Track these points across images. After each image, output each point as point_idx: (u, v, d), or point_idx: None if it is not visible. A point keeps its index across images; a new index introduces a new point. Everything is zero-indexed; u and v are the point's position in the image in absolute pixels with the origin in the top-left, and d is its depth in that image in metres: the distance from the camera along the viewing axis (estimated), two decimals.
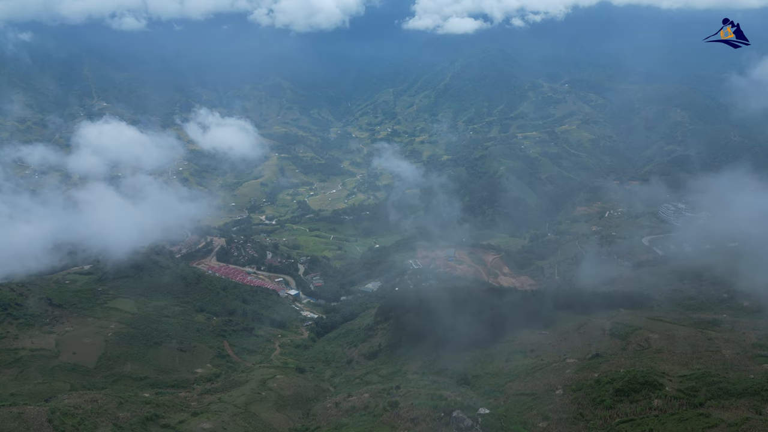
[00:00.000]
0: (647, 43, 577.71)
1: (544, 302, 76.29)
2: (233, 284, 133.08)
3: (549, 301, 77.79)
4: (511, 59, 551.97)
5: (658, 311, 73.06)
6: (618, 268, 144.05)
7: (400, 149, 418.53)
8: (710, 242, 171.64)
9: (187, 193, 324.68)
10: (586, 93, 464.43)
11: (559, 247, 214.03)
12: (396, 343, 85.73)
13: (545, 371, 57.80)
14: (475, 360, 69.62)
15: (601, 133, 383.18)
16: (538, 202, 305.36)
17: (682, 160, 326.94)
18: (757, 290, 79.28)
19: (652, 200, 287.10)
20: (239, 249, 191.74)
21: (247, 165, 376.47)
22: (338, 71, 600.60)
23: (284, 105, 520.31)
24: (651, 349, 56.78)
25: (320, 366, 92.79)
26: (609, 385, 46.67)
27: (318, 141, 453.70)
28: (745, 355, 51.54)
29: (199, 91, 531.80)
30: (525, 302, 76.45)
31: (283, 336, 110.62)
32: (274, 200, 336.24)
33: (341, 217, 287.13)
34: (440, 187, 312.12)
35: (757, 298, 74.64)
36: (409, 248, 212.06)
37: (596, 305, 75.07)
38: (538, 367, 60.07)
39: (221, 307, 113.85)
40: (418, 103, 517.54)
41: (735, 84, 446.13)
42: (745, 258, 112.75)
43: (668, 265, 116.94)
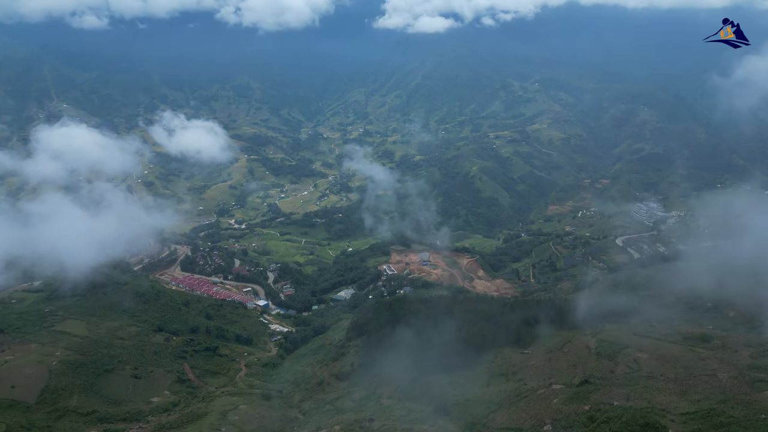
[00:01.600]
0: (614, 42, 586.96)
1: (526, 318, 72.15)
2: (196, 298, 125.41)
3: (530, 316, 73.72)
4: (482, 59, 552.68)
5: (643, 325, 69.70)
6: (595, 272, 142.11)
7: (372, 150, 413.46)
8: (683, 242, 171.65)
9: (152, 199, 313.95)
10: (556, 92, 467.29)
11: (533, 248, 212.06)
12: (369, 363, 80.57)
13: (530, 400, 53.54)
14: (453, 383, 65.03)
15: (572, 131, 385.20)
16: (511, 201, 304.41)
17: (651, 158, 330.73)
18: (740, 298, 76.76)
19: (623, 199, 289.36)
20: (205, 257, 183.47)
21: (216, 167, 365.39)
22: (308, 71, 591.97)
23: (253, 105, 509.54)
24: (642, 372, 53.04)
25: (289, 388, 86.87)
26: (605, 426, 42.46)
27: (288, 142, 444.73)
28: (743, 379, 48.13)
29: (165, 91, 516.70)
30: (505, 318, 72.21)
31: (250, 354, 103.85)
32: (243, 203, 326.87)
33: (313, 220, 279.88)
34: (413, 188, 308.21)
35: (742, 307, 71.99)
36: (383, 252, 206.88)
37: (579, 319, 71.39)
38: (523, 393, 55.80)
39: (182, 325, 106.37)
40: (390, 102, 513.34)
41: (702, 82, 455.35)
42: (721, 261, 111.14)
43: (645, 270, 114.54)
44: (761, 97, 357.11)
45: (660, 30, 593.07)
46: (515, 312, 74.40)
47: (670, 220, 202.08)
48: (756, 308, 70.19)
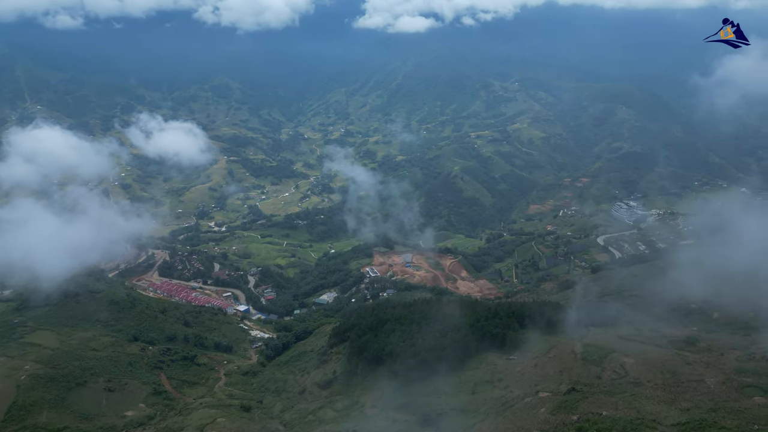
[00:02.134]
0: (592, 42, 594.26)
1: (510, 322, 70.98)
2: (174, 305, 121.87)
3: (515, 320, 72.58)
4: (463, 58, 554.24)
5: (628, 328, 69.12)
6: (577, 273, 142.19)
7: (353, 150, 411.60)
8: (664, 241, 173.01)
9: (129, 202, 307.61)
10: (536, 91, 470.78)
11: (515, 248, 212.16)
12: (352, 370, 78.73)
13: (517, 409, 52.25)
14: (438, 391, 63.56)
15: (552, 131, 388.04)
16: (493, 201, 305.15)
17: (629, 156, 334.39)
18: (722, 298, 76.74)
19: (604, 197, 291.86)
20: (184, 262, 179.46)
21: (195, 169, 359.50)
22: (289, 71, 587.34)
23: (233, 106, 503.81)
24: (629, 378, 52.15)
25: (270, 398, 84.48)
26: None
27: (269, 142, 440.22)
28: (732, 384, 47.46)
29: (142, 92, 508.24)
30: (489, 322, 70.99)
31: (230, 362, 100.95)
32: (223, 205, 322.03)
33: (294, 222, 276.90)
34: (396, 188, 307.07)
35: (724, 308, 71.90)
36: (366, 254, 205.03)
37: (564, 323, 70.53)
38: (509, 402, 54.53)
39: (159, 334, 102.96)
40: (371, 103, 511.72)
41: (678, 82, 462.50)
42: (702, 260, 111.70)
43: (627, 270, 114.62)
44: (739, 95, 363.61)
45: (637, 30, 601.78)
46: (499, 316, 73.22)
47: (650, 219, 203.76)
48: (739, 309, 70.11)
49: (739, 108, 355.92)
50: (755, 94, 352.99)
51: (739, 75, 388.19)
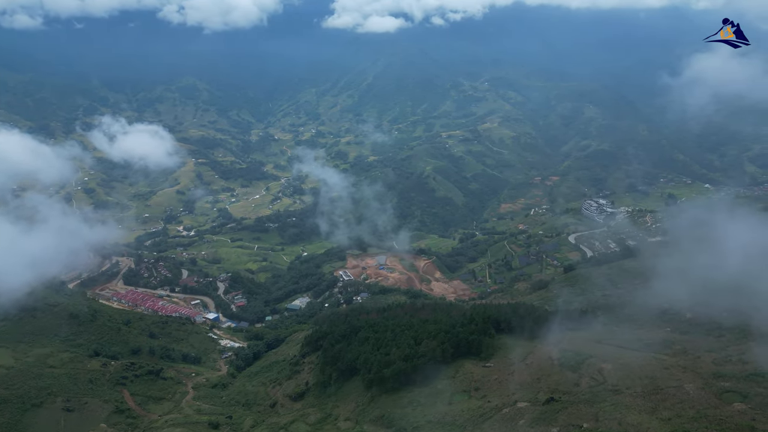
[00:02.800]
0: (559, 41, 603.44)
1: (486, 328, 69.66)
2: (138, 316, 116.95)
3: (490, 325, 71.30)
4: (433, 58, 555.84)
5: (604, 331, 68.63)
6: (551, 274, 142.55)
7: (325, 151, 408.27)
8: (633, 238, 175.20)
9: (93, 208, 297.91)
10: (506, 91, 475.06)
11: (488, 247, 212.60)
12: (325, 381, 76.33)
13: (495, 421, 50.88)
14: (413, 401, 61.74)
15: (522, 130, 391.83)
16: (465, 200, 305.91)
17: (597, 154, 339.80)
18: (694, 297, 77.00)
19: (573, 195, 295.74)
20: (150, 269, 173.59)
21: (162, 172, 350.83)
22: (257, 71, 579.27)
23: (200, 107, 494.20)
24: (607, 384, 51.29)
25: (239, 412, 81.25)
26: None
27: (238, 144, 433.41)
28: (711, 390, 46.99)
29: (106, 93, 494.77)
30: (465, 328, 69.53)
31: (198, 374, 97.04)
32: (192, 209, 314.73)
33: (266, 225, 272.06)
34: (368, 189, 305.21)
35: (698, 308, 72.05)
36: (339, 257, 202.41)
37: (539, 327, 69.57)
38: (487, 413, 53.13)
39: (122, 347, 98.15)
40: (342, 103, 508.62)
41: (642, 80, 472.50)
42: (671, 257, 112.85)
43: (600, 269, 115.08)
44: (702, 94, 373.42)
45: (602, 30, 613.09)
46: (475, 321, 71.87)
47: (619, 217, 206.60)
48: (711, 308, 70.29)
49: (702, 106, 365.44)
50: (718, 92, 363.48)
51: (703, 74, 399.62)
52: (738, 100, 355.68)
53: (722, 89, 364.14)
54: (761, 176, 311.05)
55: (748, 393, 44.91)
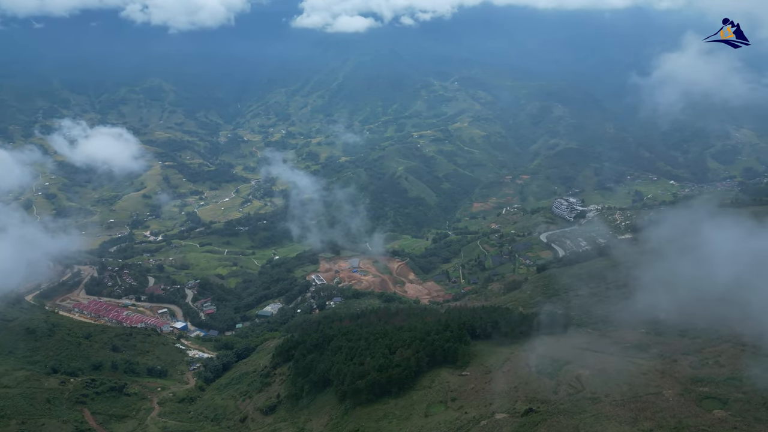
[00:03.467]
0: (527, 41, 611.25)
1: (461, 334, 68.17)
2: (100, 328, 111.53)
3: (466, 331, 69.85)
4: (403, 58, 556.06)
5: (580, 334, 67.96)
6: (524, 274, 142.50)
7: (296, 152, 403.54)
8: (603, 236, 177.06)
9: (55, 213, 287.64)
10: (475, 90, 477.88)
11: (461, 247, 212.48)
12: (297, 393, 73.68)
13: None
14: (389, 414, 59.81)
15: (492, 129, 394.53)
16: (437, 200, 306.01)
17: (566, 153, 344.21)
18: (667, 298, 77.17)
19: (544, 193, 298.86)
20: (114, 278, 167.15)
21: (127, 176, 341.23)
22: (225, 71, 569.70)
23: (167, 108, 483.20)
24: (585, 392, 50.32)
25: (208, 428, 77.84)
26: None
27: (206, 146, 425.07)
28: (690, 396, 46.42)
29: (67, 95, 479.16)
30: (440, 336, 67.89)
31: (164, 388, 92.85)
32: (159, 213, 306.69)
33: (236, 229, 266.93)
34: (340, 190, 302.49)
35: (671, 309, 72.07)
36: (311, 261, 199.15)
37: (515, 332, 68.47)
38: (464, 426, 51.55)
39: (83, 363, 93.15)
40: (312, 103, 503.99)
41: (607, 80, 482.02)
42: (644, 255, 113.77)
43: (572, 269, 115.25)
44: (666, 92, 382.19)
45: (568, 29, 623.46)
46: (450, 328, 70.31)
47: (589, 214, 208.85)
48: (684, 308, 70.37)
49: (667, 104, 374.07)
50: (683, 91, 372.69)
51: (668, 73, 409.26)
52: (702, 98, 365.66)
53: (687, 88, 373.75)
54: (723, 172, 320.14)
55: (728, 399, 44.49)
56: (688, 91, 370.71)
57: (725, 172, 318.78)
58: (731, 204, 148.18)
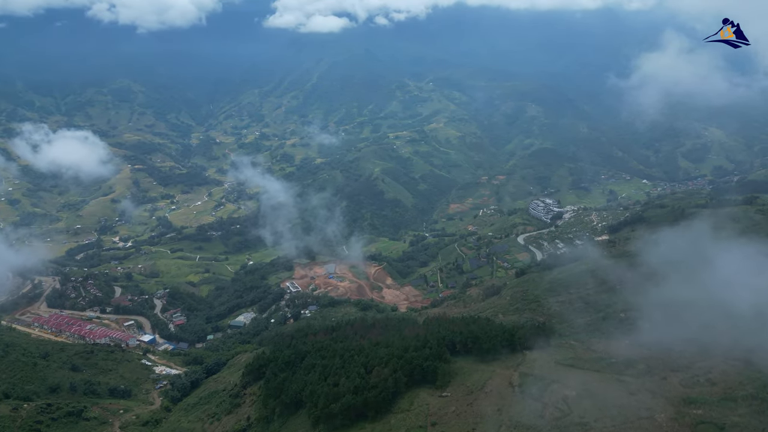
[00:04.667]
0: (500, 41, 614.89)
1: (441, 352, 64.79)
2: (60, 346, 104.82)
3: (446, 348, 66.49)
4: (377, 59, 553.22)
5: (563, 349, 65.29)
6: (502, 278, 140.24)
7: (270, 154, 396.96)
8: (580, 237, 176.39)
9: (18, 220, 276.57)
10: (450, 91, 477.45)
11: (439, 250, 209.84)
12: (269, 416, 69.33)
13: None
14: None
15: (467, 130, 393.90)
16: (414, 201, 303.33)
17: (541, 153, 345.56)
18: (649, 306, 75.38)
19: (519, 193, 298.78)
20: (78, 289, 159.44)
21: (95, 180, 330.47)
22: (197, 72, 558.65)
23: (136, 110, 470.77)
24: (573, 416, 47.48)
25: None
26: None
27: (178, 148, 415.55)
28: (684, 421, 43.91)
29: (31, 97, 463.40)
30: (418, 354, 64.37)
31: (127, 410, 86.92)
32: (128, 218, 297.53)
33: (208, 234, 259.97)
34: (316, 193, 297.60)
35: (653, 317, 70.06)
36: (286, 267, 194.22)
37: (497, 346, 65.45)
38: None
39: (38, 386, 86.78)
40: (287, 104, 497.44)
41: (579, 79, 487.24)
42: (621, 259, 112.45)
43: (551, 274, 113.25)
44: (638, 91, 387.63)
45: (540, 30, 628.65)
46: (429, 345, 66.87)
47: (566, 215, 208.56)
48: (666, 316, 68.48)
49: (639, 104, 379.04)
50: (656, 90, 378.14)
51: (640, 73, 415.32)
52: (674, 97, 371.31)
53: (661, 88, 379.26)
54: (694, 171, 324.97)
55: (724, 424, 42.17)
56: (662, 91, 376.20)
57: (696, 171, 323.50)
58: (705, 205, 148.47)
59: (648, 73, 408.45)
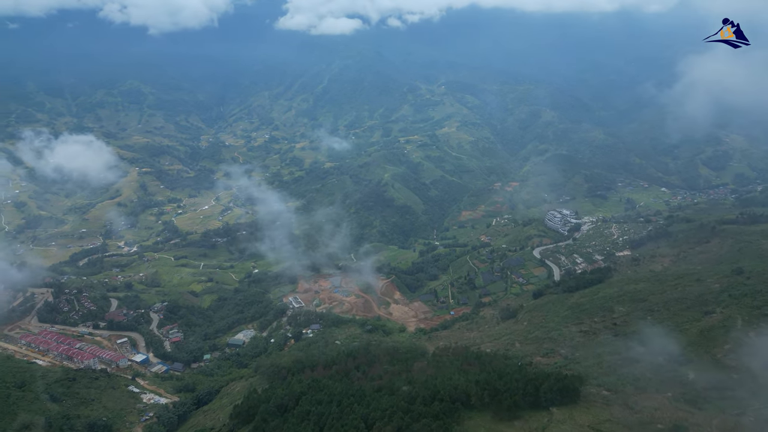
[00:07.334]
0: (513, 44, 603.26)
1: (454, 407, 56.15)
2: (41, 372, 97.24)
3: (459, 402, 57.73)
4: (389, 61, 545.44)
5: (594, 402, 56.46)
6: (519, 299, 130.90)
7: (279, 157, 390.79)
8: (600, 252, 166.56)
9: (22, 224, 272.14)
10: (463, 94, 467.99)
11: (450, 263, 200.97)
12: None
13: None
14: None
15: (480, 134, 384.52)
16: (425, 208, 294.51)
17: (556, 159, 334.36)
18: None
19: (533, 201, 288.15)
20: (71, 302, 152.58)
21: (102, 182, 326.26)
22: (207, 74, 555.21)
23: (145, 112, 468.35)
24: None
25: None
26: None
27: (187, 151, 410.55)
28: None
29: (42, 98, 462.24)
30: (428, 409, 55.74)
31: None
32: (134, 222, 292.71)
33: (213, 240, 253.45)
34: (324, 198, 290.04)
35: (701, 361, 60.84)
36: (290, 280, 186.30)
37: (519, 403, 56.52)
38: None
39: (8, 422, 79.67)
40: (297, 107, 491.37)
41: (596, 84, 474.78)
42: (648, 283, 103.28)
43: (573, 298, 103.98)
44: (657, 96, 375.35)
45: (555, 32, 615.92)
46: (440, 397, 58.10)
47: (584, 227, 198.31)
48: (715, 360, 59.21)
49: (659, 108, 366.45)
50: (677, 95, 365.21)
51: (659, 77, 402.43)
52: (695, 103, 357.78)
53: (683, 92, 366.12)
54: (715, 179, 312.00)
55: None
56: (683, 96, 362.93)
57: (717, 179, 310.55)
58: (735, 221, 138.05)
59: (668, 78, 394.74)
